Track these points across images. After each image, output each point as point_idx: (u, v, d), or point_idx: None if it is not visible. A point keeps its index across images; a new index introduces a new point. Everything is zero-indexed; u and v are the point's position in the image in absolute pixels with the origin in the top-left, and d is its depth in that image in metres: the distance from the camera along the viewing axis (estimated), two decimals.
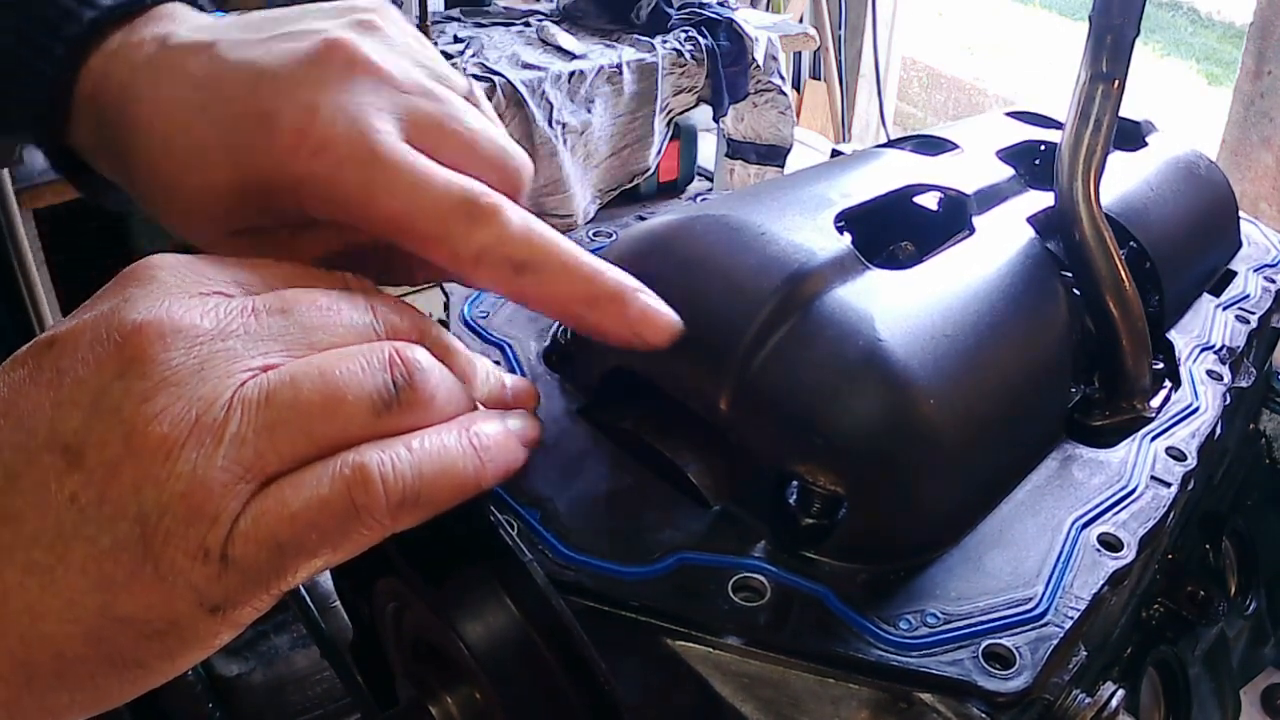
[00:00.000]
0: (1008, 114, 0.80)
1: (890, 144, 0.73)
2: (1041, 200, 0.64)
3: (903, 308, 0.49)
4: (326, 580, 0.63)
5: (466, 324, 0.58)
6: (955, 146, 0.70)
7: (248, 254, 0.39)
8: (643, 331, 0.41)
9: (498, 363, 0.56)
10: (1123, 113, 0.55)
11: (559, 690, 0.39)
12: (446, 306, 0.62)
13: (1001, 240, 0.58)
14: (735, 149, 2.26)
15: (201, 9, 0.45)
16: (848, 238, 0.54)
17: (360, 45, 0.41)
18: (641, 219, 0.67)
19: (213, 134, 0.39)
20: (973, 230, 0.59)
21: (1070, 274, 0.59)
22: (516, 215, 0.40)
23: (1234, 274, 0.75)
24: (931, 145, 0.71)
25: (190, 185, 0.40)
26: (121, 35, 0.43)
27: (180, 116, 0.40)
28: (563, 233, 0.42)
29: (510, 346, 0.57)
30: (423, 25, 1.82)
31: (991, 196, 0.64)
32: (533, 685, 0.40)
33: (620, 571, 0.42)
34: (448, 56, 1.83)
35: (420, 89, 0.41)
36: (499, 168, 0.43)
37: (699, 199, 0.70)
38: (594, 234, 0.68)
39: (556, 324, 0.58)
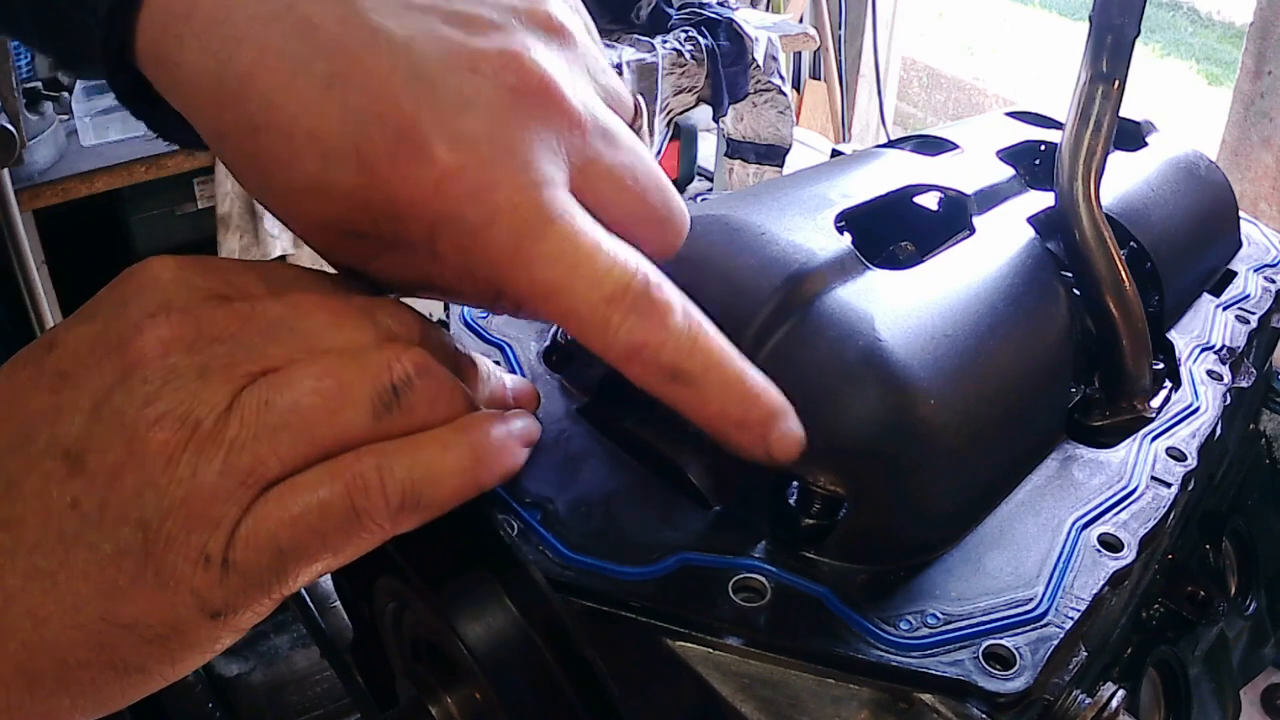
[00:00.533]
0: (1008, 114, 0.80)
1: (890, 144, 0.73)
2: (1042, 200, 0.64)
3: (903, 308, 0.49)
4: (326, 580, 0.63)
5: (466, 324, 0.58)
6: (955, 146, 0.70)
7: (341, 259, 0.36)
8: (776, 452, 0.38)
9: (498, 363, 0.55)
10: (1123, 113, 0.55)
11: (559, 690, 0.39)
12: (447, 306, 0.62)
13: (1002, 240, 0.58)
14: (734, 148, 2.26)
15: None
16: (848, 238, 0.54)
17: (545, 66, 0.34)
18: None
19: (340, 126, 0.32)
20: (973, 230, 0.59)
21: (1070, 274, 0.59)
22: (682, 315, 0.35)
23: (1234, 274, 0.75)
24: (931, 145, 0.71)
25: (302, 174, 0.33)
26: None
27: (298, 86, 0.31)
28: None
29: (510, 346, 0.57)
30: None
31: (992, 196, 0.64)
32: (533, 685, 0.40)
33: (620, 572, 0.42)
34: None
35: (598, 128, 0.36)
36: (662, 225, 0.39)
37: (699, 199, 0.70)
38: None
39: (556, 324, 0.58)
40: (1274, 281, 0.75)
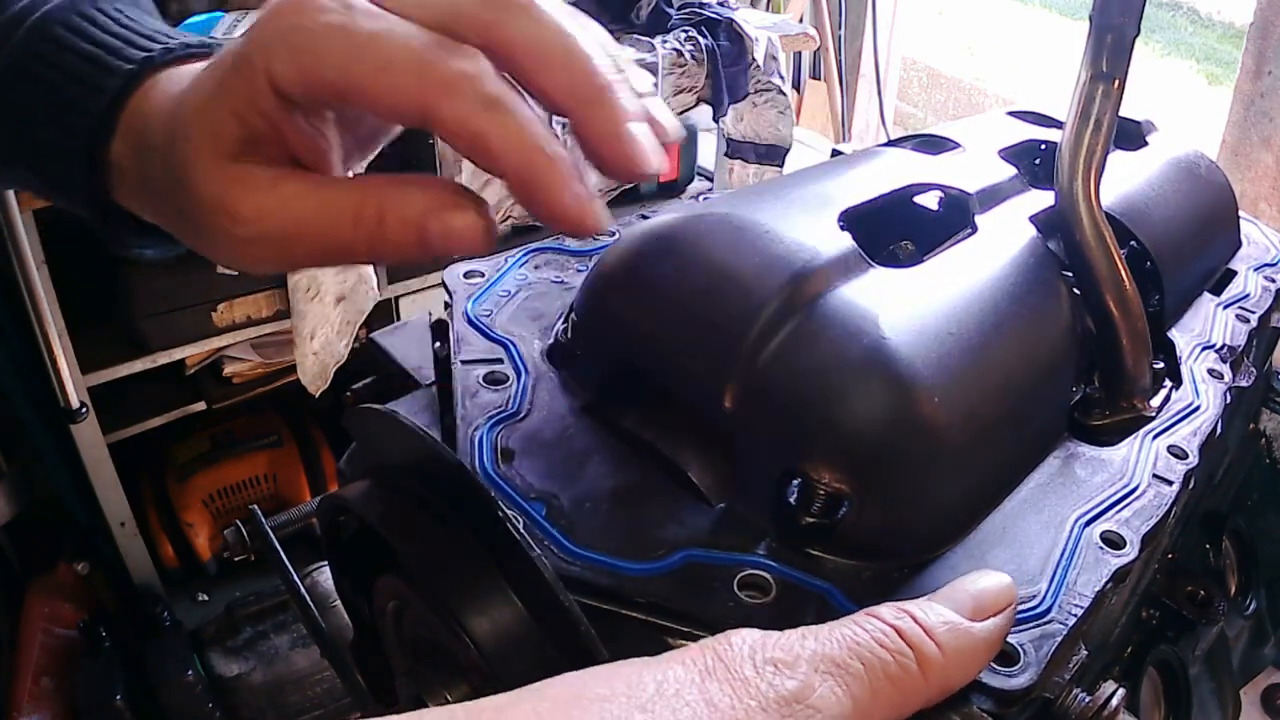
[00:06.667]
0: (1009, 113, 0.80)
1: (891, 143, 0.74)
2: (1043, 199, 0.64)
3: (906, 306, 0.50)
4: (327, 580, 0.63)
5: (470, 322, 0.58)
6: (957, 145, 0.70)
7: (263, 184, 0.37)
8: (581, 223, 0.36)
9: (500, 360, 0.56)
10: (1123, 112, 0.55)
11: None
12: (447, 305, 0.62)
13: (1004, 239, 0.59)
14: (734, 148, 2.26)
15: None
16: (850, 236, 0.54)
17: None
18: (644, 218, 0.67)
19: (210, 90, 0.36)
20: (975, 229, 0.59)
21: (1071, 273, 0.59)
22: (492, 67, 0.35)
23: (1234, 273, 0.75)
24: (933, 144, 0.71)
25: (196, 128, 0.37)
26: (160, 78, 0.42)
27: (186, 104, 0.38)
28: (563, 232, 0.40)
29: (513, 344, 0.57)
30: None
31: (994, 195, 0.64)
32: (538, 681, 0.40)
33: (626, 568, 0.42)
34: None
35: None
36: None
37: (700, 199, 0.70)
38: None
39: (559, 322, 0.58)
40: (1274, 281, 0.75)
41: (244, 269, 0.40)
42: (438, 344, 0.60)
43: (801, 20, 3.26)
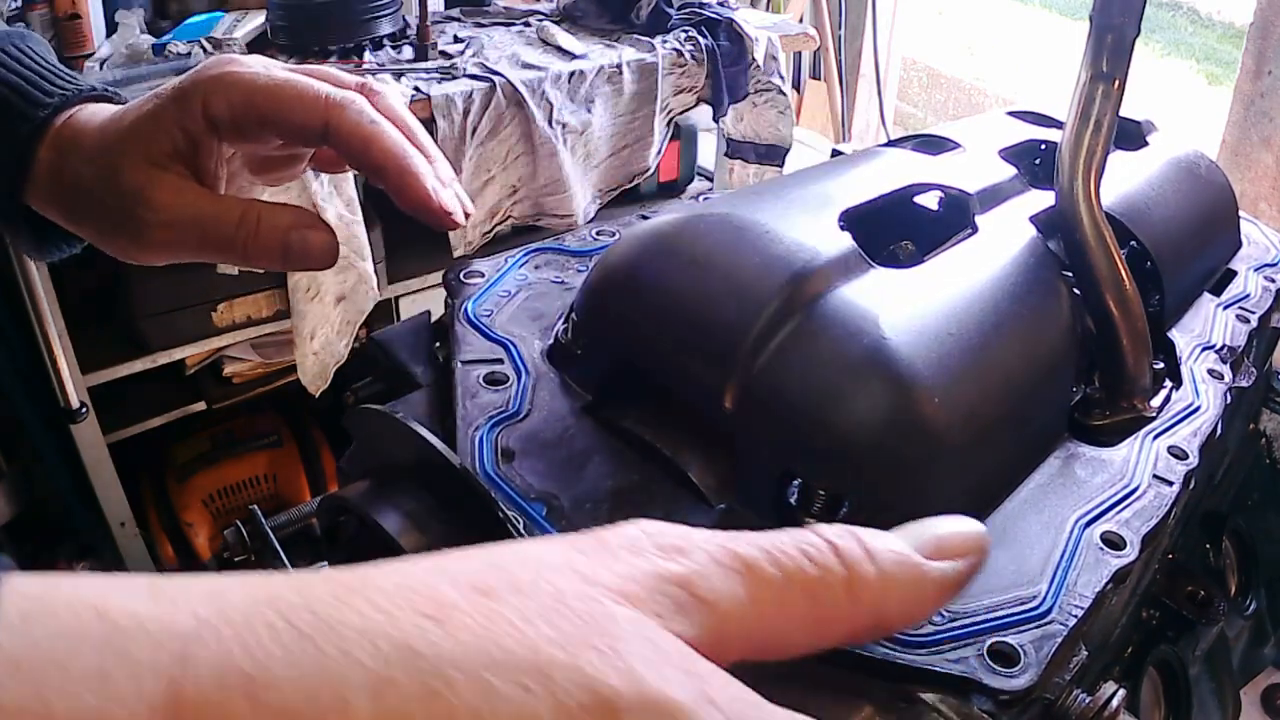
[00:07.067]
0: (1009, 113, 0.80)
1: (892, 143, 0.74)
2: (1044, 199, 0.64)
3: (907, 306, 0.49)
4: None
5: (470, 322, 0.58)
6: (957, 145, 0.70)
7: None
8: (442, 213, 0.47)
9: (500, 360, 0.56)
10: (1123, 112, 0.55)
11: None
12: (448, 305, 0.62)
13: (1004, 239, 0.59)
14: (734, 148, 2.26)
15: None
16: (850, 236, 0.54)
17: None
18: (644, 218, 0.67)
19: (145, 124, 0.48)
20: (976, 229, 0.59)
21: (1071, 273, 0.59)
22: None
23: (1234, 273, 0.75)
24: (934, 144, 0.71)
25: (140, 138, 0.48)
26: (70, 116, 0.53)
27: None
28: (563, 232, 0.42)
29: (514, 345, 0.57)
30: (423, 25, 1.81)
31: (994, 195, 0.64)
32: None
33: None
34: (447, 56, 1.83)
35: None
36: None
37: (700, 199, 0.70)
38: (597, 233, 0.69)
39: (559, 322, 0.58)
40: (1274, 281, 0.75)
41: (139, 256, 0.51)
42: (438, 344, 0.60)
43: (801, 20, 3.26)
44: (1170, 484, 0.52)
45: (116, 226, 0.50)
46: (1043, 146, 0.74)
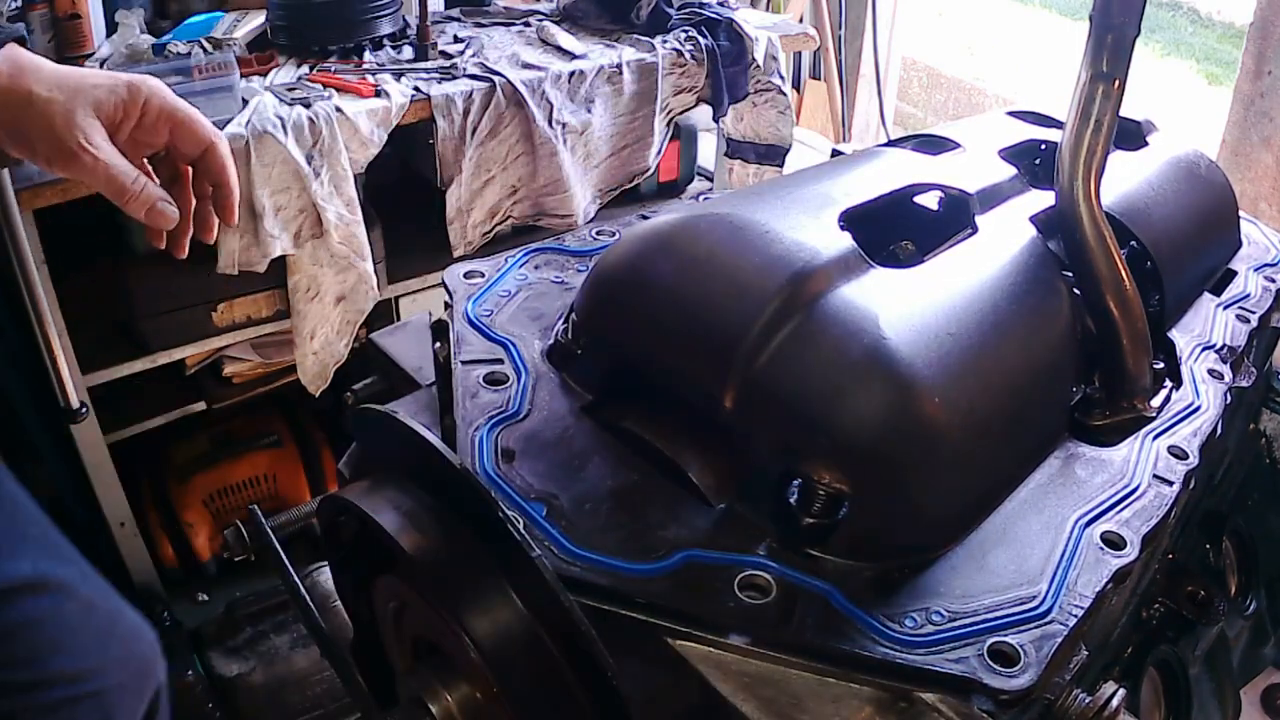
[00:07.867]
0: (1009, 113, 0.80)
1: (892, 143, 0.74)
2: (1043, 199, 0.64)
3: (907, 306, 0.49)
4: (327, 580, 0.63)
5: (470, 322, 0.58)
6: (957, 145, 0.70)
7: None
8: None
9: (500, 360, 0.56)
10: (1123, 112, 0.55)
11: (565, 686, 0.39)
12: (448, 305, 0.62)
13: (1004, 239, 0.59)
14: (734, 148, 2.25)
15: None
16: (850, 236, 0.54)
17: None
18: (644, 218, 0.67)
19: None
20: (976, 229, 0.59)
21: (1071, 273, 0.59)
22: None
23: (1234, 273, 0.75)
24: (934, 144, 0.71)
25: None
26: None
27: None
28: (563, 232, 0.42)
29: (514, 344, 0.57)
30: (423, 25, 1.81)
31: (994, 195, 0.64)
32: (538, 680, 0.40)
33: (626, 568, 0.42)
34: (447, 56, 1.83)
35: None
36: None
37: (700, 199, 0.70)
38: (597, 233, 0.69)
39: (559, 322, 0.58)
40: (1274, 281, 0.75)
41: (51, 167, 0.70)
42: (438, 344, 0.60)
43: (801, 20, 3.26)
44: (1170, 484, 0.52)
45: (51, 147, 0.68)
46: (1043, 146, 0.74)
